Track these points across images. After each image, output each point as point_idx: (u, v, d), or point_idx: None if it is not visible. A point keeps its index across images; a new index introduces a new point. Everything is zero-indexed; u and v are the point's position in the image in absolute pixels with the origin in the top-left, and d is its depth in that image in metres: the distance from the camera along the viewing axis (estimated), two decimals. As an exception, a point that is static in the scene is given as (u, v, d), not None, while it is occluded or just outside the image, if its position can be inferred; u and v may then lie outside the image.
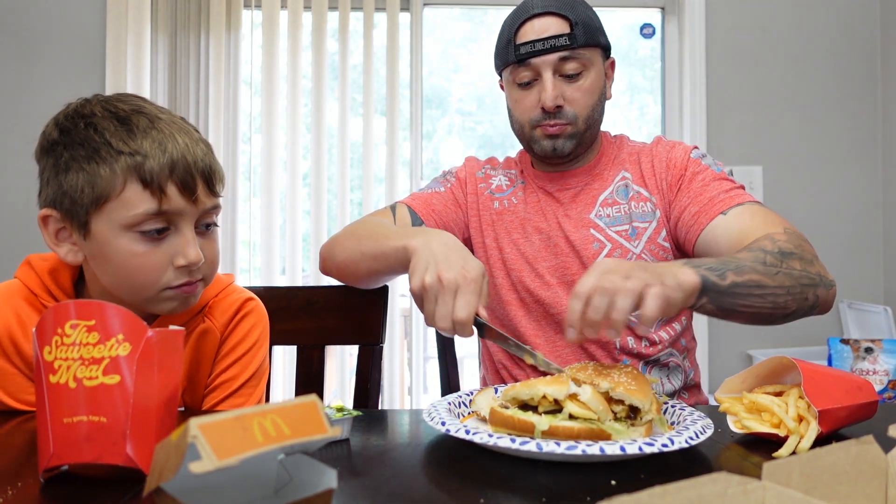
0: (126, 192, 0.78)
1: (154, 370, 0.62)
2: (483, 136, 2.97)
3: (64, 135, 0.81)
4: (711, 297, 0.86)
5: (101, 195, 0.78)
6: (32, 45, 2.48)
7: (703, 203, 1.11)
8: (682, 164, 1.17)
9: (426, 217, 1.22)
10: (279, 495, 0.55)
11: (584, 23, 1.13)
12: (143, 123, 0.80)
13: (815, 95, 2.64)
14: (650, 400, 0.74)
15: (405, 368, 2.63)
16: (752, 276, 0.88)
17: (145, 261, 0.80)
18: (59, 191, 0.80)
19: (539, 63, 1.13)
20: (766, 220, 1.04)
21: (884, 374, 2.21)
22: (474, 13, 2.87)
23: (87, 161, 0.78)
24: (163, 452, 0.49)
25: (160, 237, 0.81)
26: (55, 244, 0.84)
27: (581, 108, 1.15)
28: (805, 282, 0.94)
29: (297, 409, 0.52)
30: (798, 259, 0.95)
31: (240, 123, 2.53)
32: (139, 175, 0.78)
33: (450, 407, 0.83)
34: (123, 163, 0.78)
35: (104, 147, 0.78)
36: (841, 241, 2.64)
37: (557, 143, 1.16)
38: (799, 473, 0.42)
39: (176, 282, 0.83)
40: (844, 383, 0.78)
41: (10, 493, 0.59)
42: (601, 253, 1.17)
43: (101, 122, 0.80)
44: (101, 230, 0.80)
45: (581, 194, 1.22)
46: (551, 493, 0.60)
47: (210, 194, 0.84)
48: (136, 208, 0.78)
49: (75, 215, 0.80)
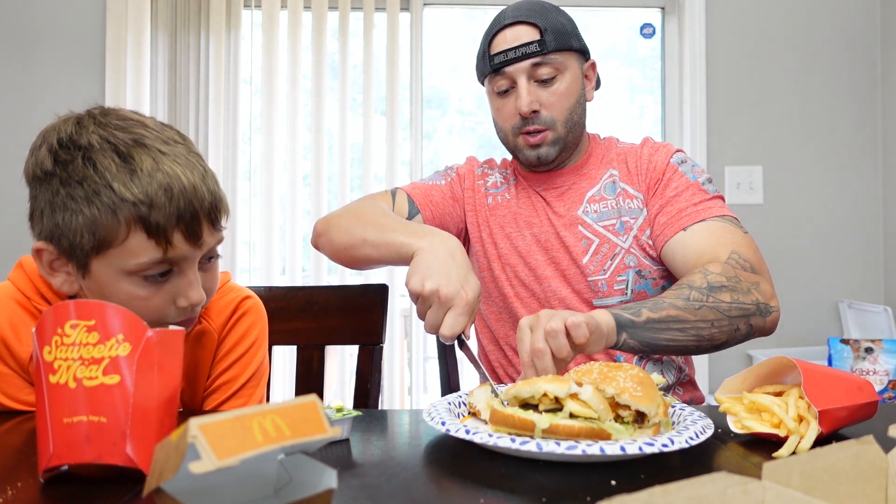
0: (130, 241, 0.74)
1: (154, 370, 0.62)
2: (483, 136, 2.97)
3: (60, 167, 0.75)
4: (630, 333, 0.92)
5: (103, 242, 0.74)
6: (32, 46, 2.48)
7: (671, 215, 1.14)
8: (661, 168, 1.20)
9: (423, 207, 1.24)
10: (279, 495, 0.55)
11: (554, 28, 1.16)
12: (148, 164, 0.75)
13: (815, 95, 2.64)
14: (657, 404, 0.74)
15: (405, 368, 2.63)
16: (669, 311, 0.94)
17: (147, 303, 0.78)
18: (56, 229, 0.76)
19: (513, 71, 1.16)
20: (718, 241, 1.08)
21: (884, 374, 2.20)
22: (474, 13, 2.87)
23: (87, 203, 0.73)
24: (163, 452, 0.49)
25: (163, 280, 0.78)
26: (50, 274, 0.80)
27: (558, 111, 1.17)
28: (734, 314, 0.98)
29: (297, 409, 0.52)
30: (729, 291, 0.99)
31: (240, 123, 2.53)
32: (144, 225, 0.74)
33: (450, 407, 0.82)
34: (128, 212, 0.73)
35: (106, 190, 0.73)
36: (841, 241, 2.64)
37: (541, 152, 1.19)
38: (799, 473, 0.42)
39: (176, 318, 0.81)
40: (844, 383, 0.78)
41: (9, 493, 0.59)
42: (590, 249, 1.19)
43: (100, 158, 0.74)
44: (102, 273, 0.77)
45: (568, 192, 1.24)
46: (551, 493, 0.60)
47: (214, 231, 0.81)
48: (141, 257, 0.75)
49: (73, 255, 0.77)
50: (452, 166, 1.35)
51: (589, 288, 1.18)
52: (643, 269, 1.17)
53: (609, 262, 1.18)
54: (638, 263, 1.17)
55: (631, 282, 1.17)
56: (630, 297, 1.17)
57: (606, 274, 1.17)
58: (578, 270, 1.19)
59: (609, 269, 1.17)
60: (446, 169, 1.34)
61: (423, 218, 1.23)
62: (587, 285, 1.18)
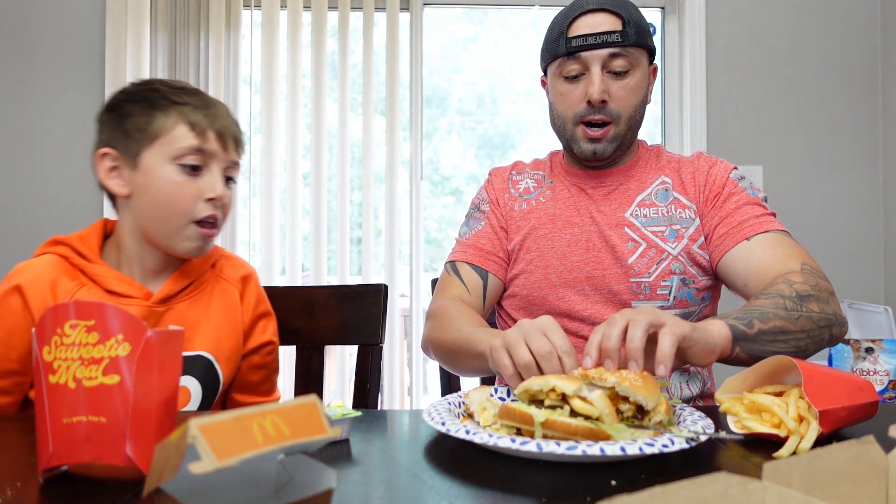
0: (175, 131, 0.97)
1: (154, 370, 0.62)
2: (483, 136, 2.97)
3: (129, 95, 1.01)
4: (743, 346, 0.90)
5: (155, 133, 0.97)
6: (32, 46, 2.48)
7: (732, 226, 1.14)
8: (720, 182, 1.19)
9: (486, 264, 1.24)
10: (279, 495, 0.55)
11: (635, 22, 1.15)
12: (194, 90, 1.03)
13: (815, 95, 2.64)
14: (656, 399, 0.74)
15: (405, 368, 2.63)
16: (776, 322, 0.93)
17: (182, 188, 0.98)
18: (119, 131, 0.99)
19: (589, 57, 1.14)
20: (787, 252, 1.08)
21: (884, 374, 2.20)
22: (474, 13, 2.87)
23: (148, 107, 0.98)
24: (163, 453, 0.49)
25: (195, 173, 0.98)
26: (107, 178, 1.00)
27: (625, 106, 1.16)
28: (823, 324, 0.98)
29: (297, 409, 0.52)
30: (815, 300, 0.99)
31: (240, 123, 2.53)
32: (187, 119, 0.98)
33: (450, 407, 0.83)
34: (177, 110, 0.98)
35: (162, 99, 0.99)
36: (841, 241, 2.64)
37: (598, 147, 1.18)
38: (799, 474, 0.42)
39: (203, 213, 0.99)
40: (845, 383, 0.78)
41: (9, 493, 0.59)
42: (636, 252, 1.18)
43: (160, 85, 1.01)
44: (150, 162, 0.98)
45: (615, 193, 1.23)
46: (551, 493, 0.60)
47: (236, 148, 1.04)
48: (182, 143, 0.97)
49: (129, 150, 0.98)
50: (482, 198, 1.32)
51: (630, 289, 1.17)
52: (688, 277, 1.17)
53: (655, 266, 1.17)
54: (683, 271, 1.17)
55: (675, 288, 1.17)
56: (671, 304, 1.16)
57: (651, 277, 1.17)
58: (622, 270, 1.17)
59: (654, 272, 1.17)
60: (478, 206, 1.31)
61: (491, 274, 1.23)
62: (629, 286, 1.17)
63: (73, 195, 2.46)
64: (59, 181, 2.45)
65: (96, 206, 2.44)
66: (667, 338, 0.78)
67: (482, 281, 1.23)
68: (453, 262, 1.26)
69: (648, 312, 0.81)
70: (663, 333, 0.79)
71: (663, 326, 0.79)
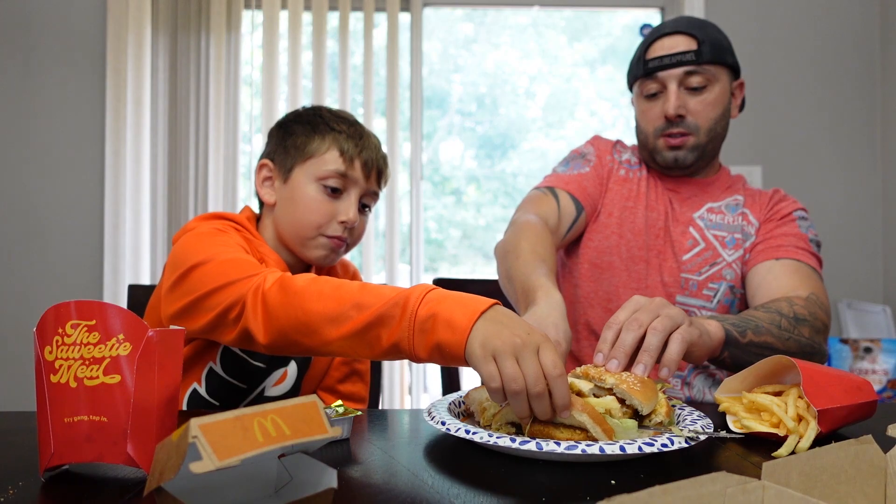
0: (327, 154, 1.09)
1: (154, 370, 0.62)
2: (483, 136, 2.98)
3: (298, 116, 1.15)
4: (731, 352, 0.95)
5: (310, 153, 1.09)
6: (33, 46, 2.48)
7: (770, 245, 1.21)
8: (783, 213, 1.26)
9: (584, 200, 1.26)
10: (279, 495, 0.55)
11: (711, 41, 1.21)
12: (353, 120, 1.15)
13: (815, 95, 2.64)
14: (653, 405, 0.74)
15: (405, 368, 2.63)
16: (766, 337, 0.98)
17: (320, 206, 1.08)
18: (281, 146, 1.12)
19: (665, 76, 1.21)
20: (803, 281, 1.14)
21: (883, 374, 2.21)
22: (474, 13, 2.87)
23: (310, 130, 1.11)
24: (163, 452, 0.49)
25: (335, 195, 1.09)
26: (260, 186, 1.13)
27: (703, 119, 1.22)
28: (808, 350, 1.05)
29: (297, 409, 0.52)
30: (809, 326, 1.05)
31: (240, 123, 2.53)
32: (339, 146, 1.09)
33: (450, 407, 0.83)
34: (332, 136, 1.10)
35: (323, 124, 1.11)
36: (841, 240, 2.64)
37: (679, 154, 1.24)
38: (798, 473, 0.42)
39: (332, 232, 1.09)
40: (844, 383, 0.78)
41: (10, 493, 0.59)
42: (693, 250, 1.24)
43: (325, 112, 1.15)
44: (299, 178, 1.09)
45: (690, 200, 1.29)
46: (551, 493, 0.60)
47: (377, 183, 1.14)
48: (329, 165, 1.08)
49: (284, 165, 1.11)
50: (588, 151, 1.35)
51: (678, 283, 1.22)
52: (737, 286, 1.23)
53: (708, 267, 1.23)
54: (734, 279, 1.23)
55: (721, 292, 1.22)
56: (714, 307, 1.22)
57: (701, 276, 1.22)
58: (676, 263, 1.23)
59: (705, 272, 1.22)
60: (582, 155, 1.34)
61: (585, 213, 1.26)
62: (678, 280, 1.22)
63: (74, 195, 2.46)
64: (60, 181, 2.45)
65: (96, 206, 2.44)
66: (675, 343, 0.80)
67: (576, 214, 1.25)
68: (552, 187, 1.27)
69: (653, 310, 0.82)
70: (673, 338, 0.81)
71: (676, 330, 0.81)
